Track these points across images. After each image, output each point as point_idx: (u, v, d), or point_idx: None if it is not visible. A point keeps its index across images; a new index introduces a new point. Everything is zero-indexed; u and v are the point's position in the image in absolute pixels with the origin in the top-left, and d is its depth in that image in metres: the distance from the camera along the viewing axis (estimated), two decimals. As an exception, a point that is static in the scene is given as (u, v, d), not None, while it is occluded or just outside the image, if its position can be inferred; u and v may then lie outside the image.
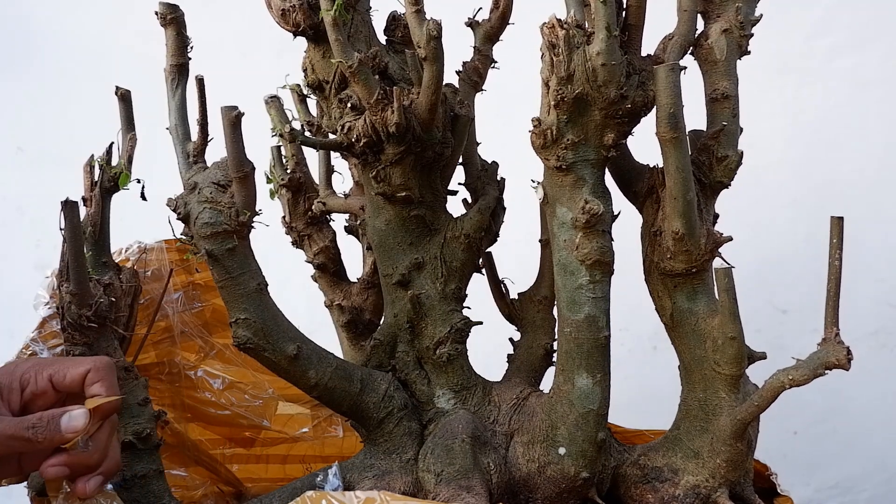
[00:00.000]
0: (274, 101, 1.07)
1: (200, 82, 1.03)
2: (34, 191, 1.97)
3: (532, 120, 0.97)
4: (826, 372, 0.91)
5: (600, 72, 0.92)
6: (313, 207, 1.15)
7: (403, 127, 0.97)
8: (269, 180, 1.17)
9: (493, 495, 0.99)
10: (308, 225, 1.16)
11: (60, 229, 0.95)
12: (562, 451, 1.01)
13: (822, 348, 0.92)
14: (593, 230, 0.97)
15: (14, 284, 1.81)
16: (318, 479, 1.02)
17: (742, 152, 1.00)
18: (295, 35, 1.01)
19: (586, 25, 0.93)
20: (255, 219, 0.97)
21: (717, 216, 1.02)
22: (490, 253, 1.13)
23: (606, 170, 1.00)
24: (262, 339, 0.98)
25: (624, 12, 0.97)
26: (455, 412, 1.04)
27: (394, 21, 1.06)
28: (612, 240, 0.99)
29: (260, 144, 1.07)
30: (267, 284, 0.99)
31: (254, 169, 0.96)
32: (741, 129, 1.01)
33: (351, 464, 1.05)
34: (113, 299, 1.02)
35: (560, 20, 0.93)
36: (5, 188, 2.03)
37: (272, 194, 1.17)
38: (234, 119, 0.92)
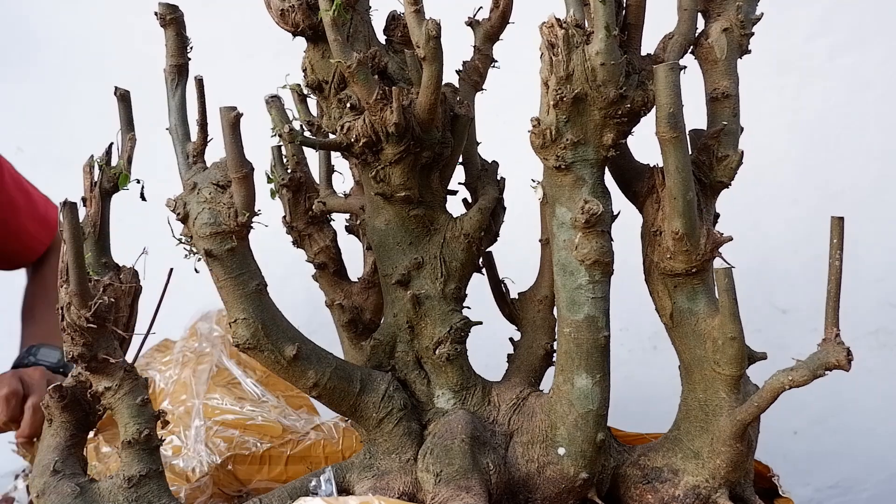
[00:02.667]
0: (274, 101, 1.07)
1: (200, 83, 1.03)
2: (34, 191, 1.96)
3: (531, 120, 0.97)
4: (826, 372, 0.91)
5: (599, 71, 0.92)
6: (314, 207, 1.15)
7: (403, 127, 0.97)
8: (269, 180, 1.16)
9: (492, 495, 0.99)
10: (308, 224, 1.16)
11: (60, 230, 0.95)
12: (561, 451, 1.01)
13: (822, 349, 0.92)
14: (593, 230, 0.97)
15: (14, 284, 1.81)
16: (312, 484, 1.02)
17: (743, 152, 1.00)
18: (294, 35, 1.01)
19: (586, 25, 0.93)
20: (254, 219, 0.97)
21: (717, 216, 1.02)
22: (490, 253, 1.12)
23: (606, 169, 1.00)
24: (261, 339, 0.97)
25: (623, 11, 0.97)
26: (454, 412, 1.04)
27: (393, 21, 1.06)
28: (612, 240, 0.99)
29: (260, 144, 1.07)
30: (266, 285, 0.99)
31: (253, 169, 0.95)
32: (742, 129, 1.00)
33: (350, 464, 1.05)
34: (113, 300, 1.02)
35: (559, 19, 0.92)
36: (5, 188, 2.02)
37: (273, 194, 1.17)
38: (233, 120, 0.92)
